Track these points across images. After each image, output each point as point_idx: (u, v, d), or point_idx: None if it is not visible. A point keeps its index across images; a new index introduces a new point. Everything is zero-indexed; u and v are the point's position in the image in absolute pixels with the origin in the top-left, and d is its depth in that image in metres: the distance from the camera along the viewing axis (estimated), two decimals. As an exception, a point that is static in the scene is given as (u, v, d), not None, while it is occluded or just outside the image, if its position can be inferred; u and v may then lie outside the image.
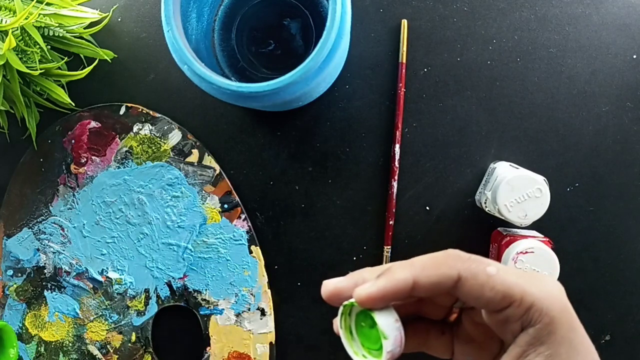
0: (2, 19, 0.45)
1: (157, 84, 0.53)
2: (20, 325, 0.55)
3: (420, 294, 0.28)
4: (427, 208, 0.52)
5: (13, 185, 0.55)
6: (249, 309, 0.52)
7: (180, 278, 0.53)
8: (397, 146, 0.51)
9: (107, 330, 0.54)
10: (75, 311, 0.54)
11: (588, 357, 0.28)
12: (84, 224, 0.54)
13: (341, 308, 0.30)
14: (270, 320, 0.52)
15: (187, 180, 0.53)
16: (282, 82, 0.39)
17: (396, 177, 0.51)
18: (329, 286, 0.30)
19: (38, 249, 0.54)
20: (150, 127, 0.53)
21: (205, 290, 0.53)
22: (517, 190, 0.45)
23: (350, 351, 0.30)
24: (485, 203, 0.48)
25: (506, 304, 0.27)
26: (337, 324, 0.30)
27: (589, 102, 0.50)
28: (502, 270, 0.28)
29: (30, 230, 0.54)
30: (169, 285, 0.53)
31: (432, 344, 0.33)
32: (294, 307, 0.53)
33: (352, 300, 0.29)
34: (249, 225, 0.52)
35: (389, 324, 0.28)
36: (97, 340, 0.54)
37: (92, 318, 0.54)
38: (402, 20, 0.51)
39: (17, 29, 0.45)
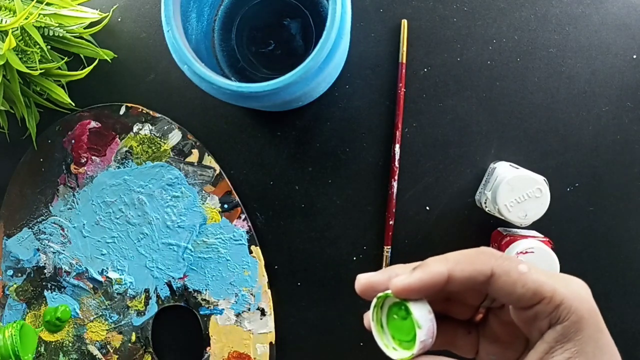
0: (2, 19, 0.45)
1: (157, 84, 0.53)
2: (20, 325, 0.55)
3: (453, 287, 0.29)
4: (427, 208, 0.52)
5: (13, 185, 0.55)
6: (249, 309, 0.52)
7: (180, 278, 0.53)
8: (397, 146, 0.51)
9: (107, 330, 0.54)
10: (75, 311, 0.54)
11: (613, 358, 0.28)
12: (84, 224, 0.54)
13: (374, 300, 0.30)
14: (270, 320, 0.52)
15: (187, 180, 0.53)
16: (282, 82, 0.39)
17: (396, 177, 0.51)
18: (363, 279, 0.30)
19: (38, 249, 0.54)
20: (150, 127, 0.53)
21: (205, 290, 0.53)
22: (517, 190, 0.45)
23: (380, 344, 0.30)
24: (485, 203, 0.48)
25: (536, 301, 0.28)
26: (369, 316, 0.31)
27: (589, 102, 0.50)
28: (533, 268, 0.28)
29: (30, 230, 0.54)
30: (169, 285, 0.53)
31: (458, 343, 0.33)
32: (294, 307, 0.53)
33: (386, 292, 0.30)
34: (249, 225, 0.52)
35: (423, 314, 0.29)
36: (97, 340, 0.54)
37: (92, 318, 0.54)
38: (402, 20, 0.51)
39: (17, 29, 0.45)
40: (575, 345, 0.28)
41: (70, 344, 0.54)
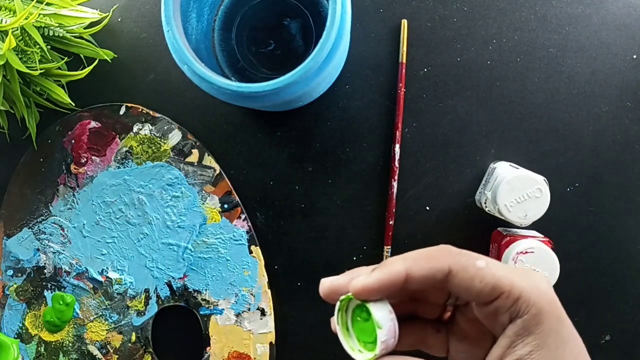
0: (2, 19, 0.45)
1: (157, 84, 0.53)
2: (20, 325, 0.55)
3: (413, 286, 0.29)
4: (427, 208, 0.52)
5: (13, 185, 0.55)
6: (249, 309, 0.52)
7: (180, 278, 0.53)
8: (397, 146, 0.51)
9: (107, 330, 0.54)
10: (76, 311, 0.54)
11: (575, 349, 0.28)
12: (84, 224, 0.54)
13: (338, 304, 0.31)
14: (270, 320, 0.52)
15: (187, 180, 0.53)
16: (282, 82, 0.39)
17: (396, 177, 0.51)
18: (326, 283, 0.31)
19: (38, 249, 0.54)
20: (150, 127, 0.53)
21: (205, 290, 0.53)
22: (517, 190, 0.45)
23: (346, 346, 0.31)
24: (485, 203, 0.48)
25: (495, 296, 0.28)
26: (335, 320, 0.31)
27: (589, 102, 0.50)
28: (491, 263, 0.29)
29: (30, 230, 0.54)
30: (169, 285, 0.53)
31: (428, 342, 0.33)
32: (294, 307, 0.53)
33: (348, 294, 0.30)
34: (249, 225, 0.52)
35: (383, 315, 0.29)
36: (97, 340, 0.54)
37: (92, 318, 0.54)
38: (402, 20, 0.51)
39: (17, 29, 0.45)
40: (536, 338, 0.28)
41: (70, 344, 0.54)
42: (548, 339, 0.28)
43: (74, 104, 0.52)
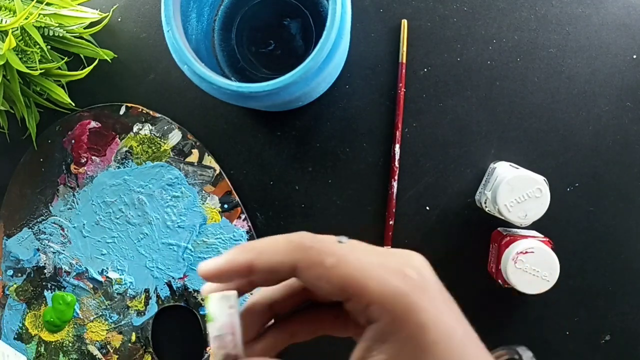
0: (2, 19, 0.45)
1: (157, 84, 0.53)
2: (20, 325, 0.55)
3: (261, 277, 0.28)
4: (427, 208, 0.52)
5: (13, 185, 0.55)
6: (249, 309, 0.52)
7: (180, 278, 0.53)
8: (397, 146, 0.51)
9: (107, 330, 0.54)
10: (76, 311, 0.54)
11: (442, 356, 0.25)
12: (84, 224, 0.54)
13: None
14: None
15: (187, 180, 0.53)
16: (282, 82, 0.39)
17: (396, 177, 0.51)
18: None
19: (38, 249, 0.54)
20: (150, 127, 0.53)
21: (205, 290, 0.53)
22: (517, 190, 0.45)
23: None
24: (485, 203, 0.48)
25: (345, 298, 0.26)
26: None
27: (589, 102, 0.50)
28: (343, 262, 0.26)
29: (30, 230, 0.54)
30: (169, 285, 0.53)
31: (329, 328, 0.32)
32: (294, 307, 0.53)
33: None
34: (249, 225, 0.52)
35: (219, 307, 0.27)
36: (97, 340, 0.54)
37: (92, 318, 0.54)
38: (402, 20, 0.51)
39: (17, 29, 0.45)
40: (390, 347, 0.25)
41: (70, 344, 0.54)
42: (405, 347, 0.25)
43: (74, 104, 0.52)
